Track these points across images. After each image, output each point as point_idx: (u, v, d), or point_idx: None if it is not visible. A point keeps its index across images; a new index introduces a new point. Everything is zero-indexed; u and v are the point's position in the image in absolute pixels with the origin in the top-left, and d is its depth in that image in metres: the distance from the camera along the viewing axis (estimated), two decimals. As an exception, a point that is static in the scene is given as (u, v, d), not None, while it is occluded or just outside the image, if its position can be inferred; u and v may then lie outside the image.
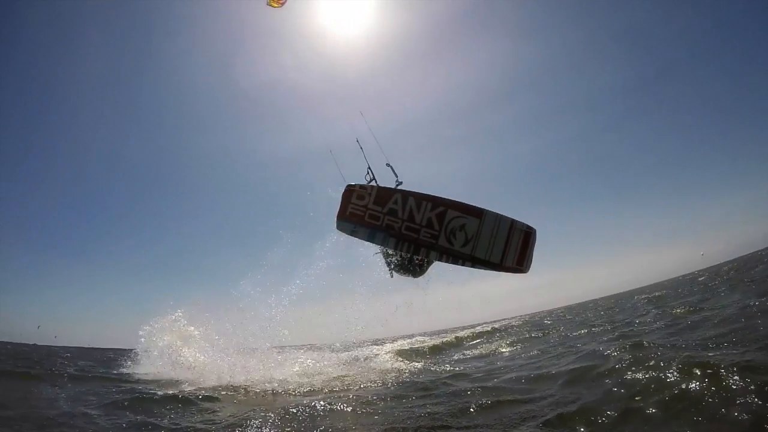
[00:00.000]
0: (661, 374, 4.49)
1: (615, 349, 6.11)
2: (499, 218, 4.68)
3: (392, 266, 5.84)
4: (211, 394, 6.76)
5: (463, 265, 4.78)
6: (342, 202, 4.88)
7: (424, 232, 4.66)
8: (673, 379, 4.31)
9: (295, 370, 9.55)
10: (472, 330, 25.41)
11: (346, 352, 15.98)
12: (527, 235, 4.70)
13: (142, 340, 11.29)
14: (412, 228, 4.67)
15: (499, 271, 4.70)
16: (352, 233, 4.96)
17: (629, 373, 4.83)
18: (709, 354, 5.10)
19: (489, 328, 23.85)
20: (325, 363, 11.26)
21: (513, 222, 4.71)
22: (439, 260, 4.98)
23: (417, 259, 5.29)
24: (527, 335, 14.96)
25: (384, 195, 4.78)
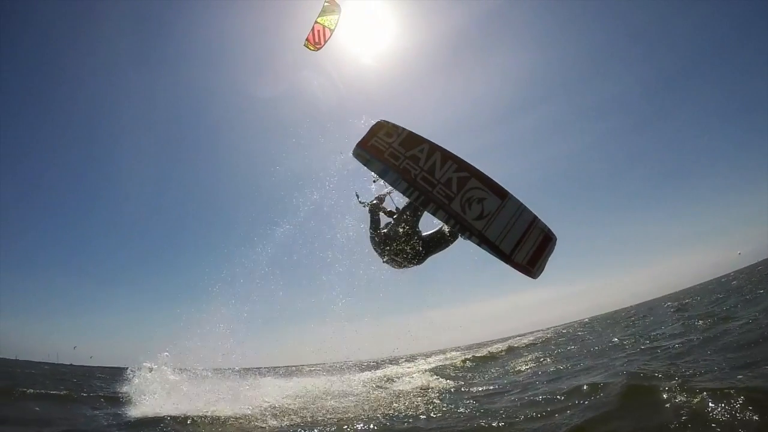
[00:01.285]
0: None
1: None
2: (522, 208, 4.32)
3: (378, 235, 5.40)
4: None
5: (469, 238, 4.45)
6: (368, 133, 4.58)
7: (439, 188, 4.30)
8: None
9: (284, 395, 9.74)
10: (507, 344, 25.62)
11: (374, 372, 16.52)
12: (546, 239, 4.30)
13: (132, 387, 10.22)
14: (428, 180, 4.32)
15: (506, 262, 4.25)
16: (366, 163, 4.65)
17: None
18: (709, 384, 5.14)
19: (519, 343, 23.91)
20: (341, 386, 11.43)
21: (536, 218, 4.33)
22: (445, 221, 4.64)
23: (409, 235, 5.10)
24: (556, 352, 15.02)
25: (412, 140, 4.46)
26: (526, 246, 4.20)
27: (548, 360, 12.52)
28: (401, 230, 5.21)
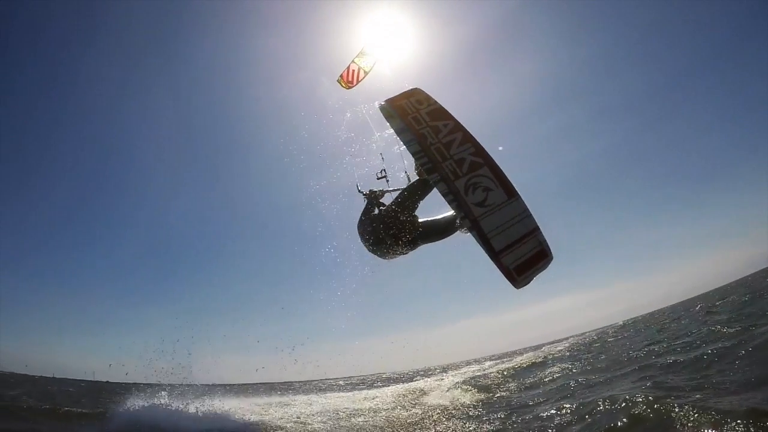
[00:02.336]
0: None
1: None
2: (526, 213, 4.15)
3: (369, 218, 5.30)
4: None
5: (462, 220, 4.39)
6: (401, 94, 4.58)
7: (449, 163, 4.19)
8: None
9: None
10: (541, 352, 25.43)
11: (405, 384, 16.70)
12: (542, 254, 4.14)
13: None
14: (441, 153, 4.23)
15: (493, 260, 4.06)
16: (388, 118, 4.64)
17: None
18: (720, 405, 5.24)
19: (554, 350, 23.71)
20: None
21: (538, 229, 4.16)
22: (444, 195, 4.45)
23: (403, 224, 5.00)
24: (587, 360, 14.89)
25: (440, 113, 4.43)
26: (518, 251, 4.03)
27: (577, 370, 12.57)
28: (396, 209, 5.11)
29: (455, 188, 4.11)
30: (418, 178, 5.25)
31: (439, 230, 5.16)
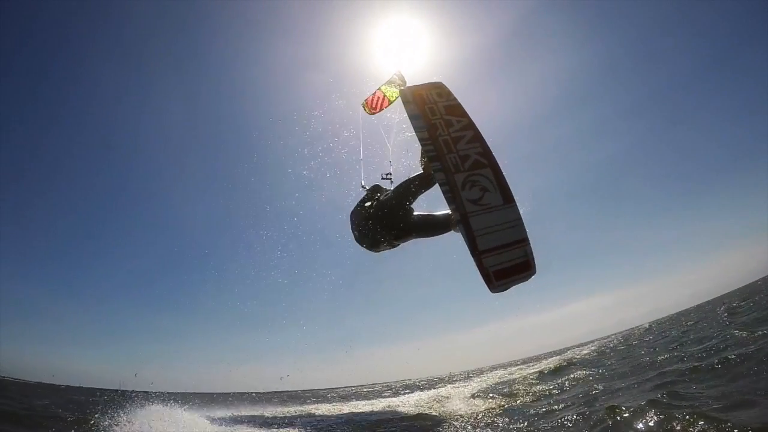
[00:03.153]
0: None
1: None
2: (519, 222, 4.21)
3: (364, 208, 5.31)
4: None
5: (453, 213, 4.46)
6: (424, 84, 4.66)
7: (453, 156, 4.25)
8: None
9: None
10: (565, 356, 25.18)
11: (429, 391, 16.75)
12: (526, 265, 4.18)
13: None
14: (448, 145, 4.29)
15: (474, 258, 4.07)
16: (405, 103, 4.63)
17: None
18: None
19: (579, 355, 23.39)
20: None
21: (527, 240, 4.22)
22: (441, 185, 4.46)
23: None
24: (608, 365, 14.59)
25: (456, 110, 4.50)
26: (502, 257, 4.07)
27: (599, 376, 12.54)
28: (394, 201, 5.17)
29: (453, 181, 4.19)
30: (421, 172, 5.30)
31: (433, 225, 5.15)
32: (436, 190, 4.97)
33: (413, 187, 5.20)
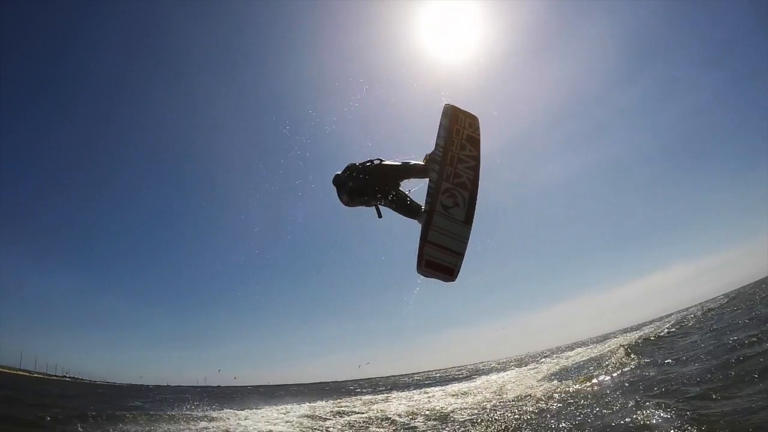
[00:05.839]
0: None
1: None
2: (465, 239, 5.14)
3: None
4: None
5: (426, 205, 5.27)
6: (464, 112, 5.36)
7: (450, 169, 5.17)
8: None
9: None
10: (634, 335, 24.36)
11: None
12: (449, 270, 5.10)
13: None
14: (452, 161, 5.21)
15: (420, 242, 5.03)
16: (443, 116, 5.41)
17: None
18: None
19: (660, 331, 22.43)
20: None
21: (462, 255, 5.13)
22: (430, 181, 5.34)
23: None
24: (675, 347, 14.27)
25: (474, 142, 5.33)
26: (439, 254, 5.05)
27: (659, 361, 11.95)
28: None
29: (439, 184, 5.17)
30: (422, 164, 5.87)
31: (406, 205, 5.71)
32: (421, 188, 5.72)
33: (411, 171, 5.89)
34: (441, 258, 5.06)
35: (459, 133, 5.27)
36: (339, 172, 5.97)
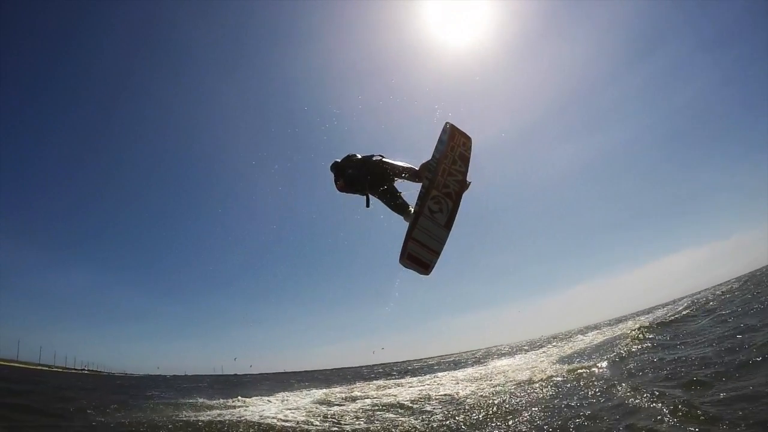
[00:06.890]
0: None
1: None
2: (443, 241, 5.94)
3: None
4: None
5: (415, 207, 5.99)
6: (462, 132, 5.96)
7: (440, 179, 5.88)
8: None
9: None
10: (647, 318, 24.29)
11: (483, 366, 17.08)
12: (425, 265, 5.96)
13: None
14: (443, 172, 5.88)
15: (405, 236, 5.86)
16: (443, 133, 6.01)
17: None
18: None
19: (670, 316, 22.24)
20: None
21: (438, 253, 5.95)
22: (422, 186, 6.03)
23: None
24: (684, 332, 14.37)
25: (465, 160, 5.99)
26: (420, 250, 5.90)
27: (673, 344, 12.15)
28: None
29: (429, 190, 5.90)
30: (417, 169, 6.37)
31: (396, 203, 6.40)
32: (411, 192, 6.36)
33: (406, 172, 6.39)
34: (421, 254, 5.93)
35: (454, 149, 5.93)
36: (338, 160, 6.53)
